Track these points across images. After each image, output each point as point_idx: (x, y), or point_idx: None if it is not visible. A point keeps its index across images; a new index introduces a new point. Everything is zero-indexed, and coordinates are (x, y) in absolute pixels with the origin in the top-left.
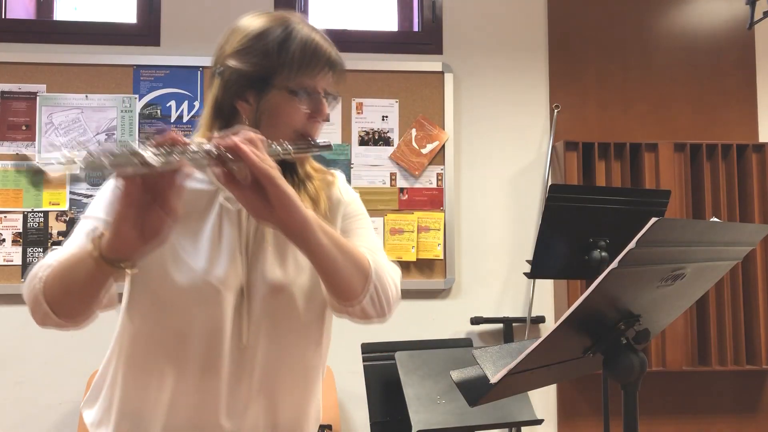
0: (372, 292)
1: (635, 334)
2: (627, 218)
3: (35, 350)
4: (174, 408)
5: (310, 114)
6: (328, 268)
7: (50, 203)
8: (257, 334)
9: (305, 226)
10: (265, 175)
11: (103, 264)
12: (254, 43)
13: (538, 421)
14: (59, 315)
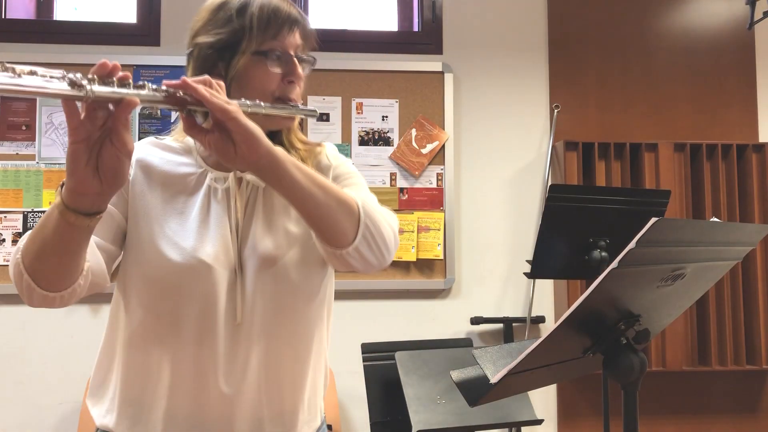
0: (365, 233)
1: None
2: (627, 218)
3: (35, 350)
4: (173, 390)
5: (283, 75)
6: (311, 208)
7: (50, 203)
8: (252, 310)
9: (273, 160)
10: (221, 110)
11: (67, 213)
12: (217, 14)
13: (538, 421)
14: (40, 284)
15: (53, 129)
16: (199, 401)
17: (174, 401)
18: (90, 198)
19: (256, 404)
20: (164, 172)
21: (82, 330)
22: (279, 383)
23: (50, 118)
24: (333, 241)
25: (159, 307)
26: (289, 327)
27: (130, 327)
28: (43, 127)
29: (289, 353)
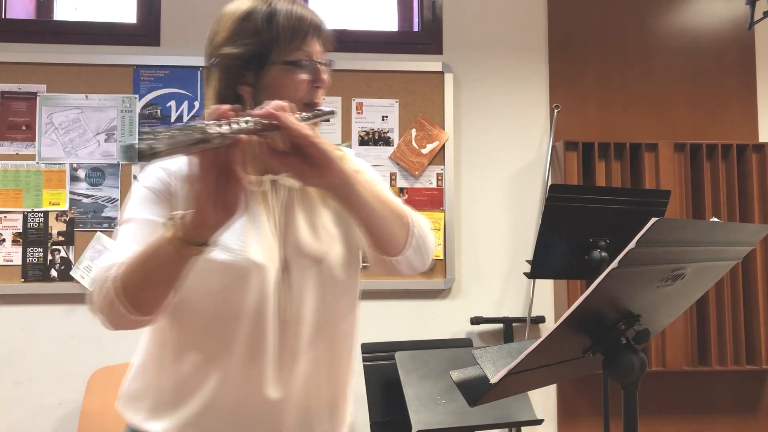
0: (415, 243)
1: (635, 334)
2: (627, 218)
3: (35, 350)
4: (221, 387)
5: (309, 82)
6: (372, 221)
7: (50, 203)
8: (299, 307)
9: (347, 180)
10: (304, 137)
11: (184, 246)
12: (243, 25)
13: (538, 421)
14: (138, 310)
15: (53, 129)
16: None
17: (220, 401)
18: (209, 230)
19: (305, 401)
20: None
21: (82, 330)
22: (327, 379)
23: (50, 118)
24: (386, 250)
25: (213, 309)
26: (333, 323)
27: (181, 331)
28: (43, 127)
29: (334, 349)
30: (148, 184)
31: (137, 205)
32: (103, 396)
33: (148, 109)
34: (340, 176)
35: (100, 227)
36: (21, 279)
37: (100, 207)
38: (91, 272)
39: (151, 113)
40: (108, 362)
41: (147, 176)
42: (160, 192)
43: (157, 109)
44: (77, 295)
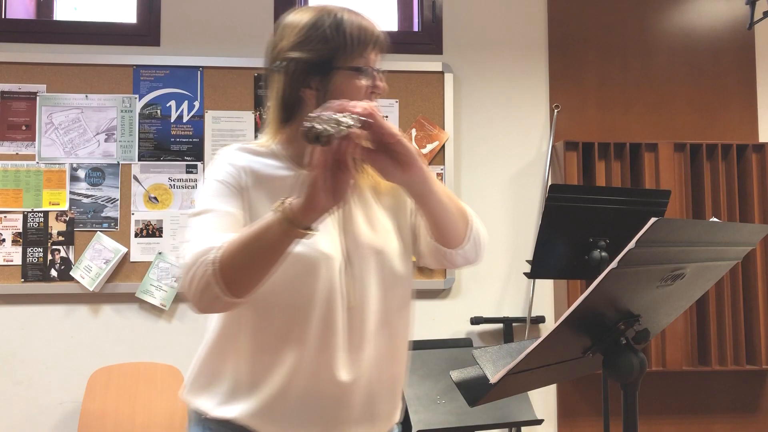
0: (473, 237)
1: (635, 334)
2: (627, 218)
3: (35, 350)
4: (296, 372)
5: (367, 88)
6: (441, 215)
7: (50, 203)
8: (362, 295)
9: (426, 177)
10: (393, 136)
11: (291, 229)
12: (311, 32)
13: (538, 421)
14: (232, 292)
15: (53, 129)
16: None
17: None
18: (317, 214)
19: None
20: (268, 176)
21: (82, 330)
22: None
23: (50, 118)
24: (448, 242)
25: (288, 297)
26: (393, 311)
27: (259, 318)
28: (43, 127)
29: (395, 336)
30: (220, 178)
31: (213, 198)
32: (103, 396)
33: (148, 109)
34: (421, 174)
35: (100, 227)
36: (21, 279)
37: (100, 207)
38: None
39: (151, 113)
40: (108, 362)
41: (217, 171)
42: (231, 185)
43: (157, 109)
44: (77, 295)
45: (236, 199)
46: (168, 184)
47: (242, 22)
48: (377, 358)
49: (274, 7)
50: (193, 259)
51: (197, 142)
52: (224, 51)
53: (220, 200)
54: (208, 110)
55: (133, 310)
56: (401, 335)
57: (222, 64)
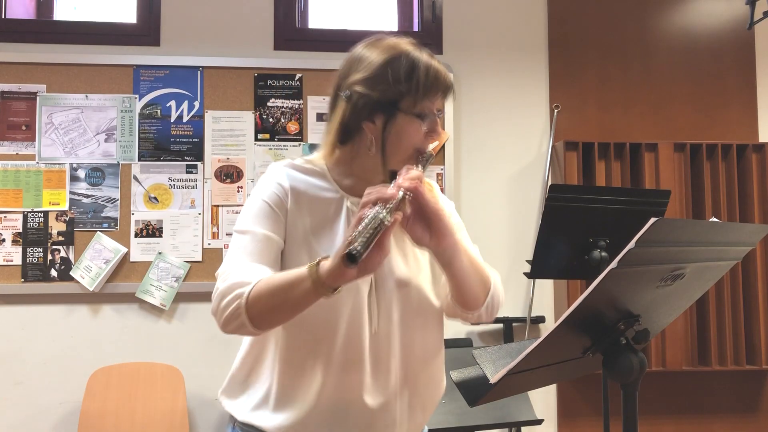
0: (489, 303)
1: (635, 334)
2: (627, 218)
3: (35, 350)
4: (323, 392)
5: (426, 132)
6: (463, 284)
7: (50, 203)
8: (387, 321)
9: (455, 251)
10: (436, 212)
11: (323, 289)
12: (382, 72)
13: (538, 421)
14: (258, 327)
15: (53, 129)
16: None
17: (321, 404)
18: (344, 282)
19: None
20: (311, 198)
21: (82, 330)
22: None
23: (50, 118)
24: (466, 306)
25: (315, 321)
26: (419, 338)
27: (289, 340)
28: (43, 127)
29: (425, 364)
30: (266, 198)
31: (254, 218)
32: (103, 396)
33: (148, 109)
34: (452, 245)
35: (99, 227)
36: (21, 279)
37: (100, 207)
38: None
39: (150, 113)
40: (108, 362)
41: (265, 189)
42: (275, 206)
43: (157, 109)
44: (77, 295)
45: (276, 222)
46: (168, 184)
47: (242, 22)
48: (403, 387)
49: (274, 7)
50: (228, 289)
51: (197, 142)
52: (224, 51)
53: (260, 222)
54: (208, 110)
55: (133, 310)
56: (434, 359)
57: (222, 64)
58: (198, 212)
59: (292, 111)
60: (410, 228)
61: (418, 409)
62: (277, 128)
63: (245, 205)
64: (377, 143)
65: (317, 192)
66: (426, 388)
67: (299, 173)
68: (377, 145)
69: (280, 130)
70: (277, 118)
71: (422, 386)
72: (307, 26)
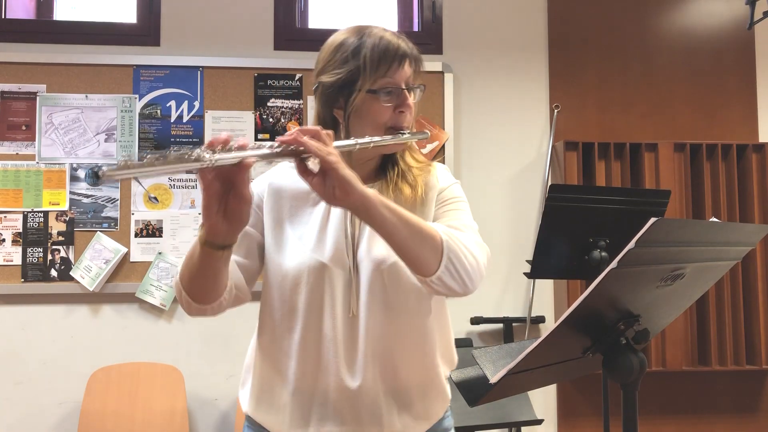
0: (448, 265)
1: (635, 334)
2: (627, 218)
3: (35, 350)
4: (300, 375)
5: (395, 107)
6: (397, 242)
7: (50, 203)
8: (366, 305)
9: (366, 202)
10: (323, 161)
11: (206, 247)
12: (334, 55)
13: (538, 421)
14: (195, 299)
15: (53, 129)
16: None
17: (300, 386)
18: (221, 236)
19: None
20: (293, 190)
21: (82, 330)
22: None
23: (50, 118)
24: (418, 270)
25: (289, 302)
26: (400, 319)
27: (269, 323)
28: (43, 127)
29: (403, 348)
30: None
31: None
32: (103, 396)
33: (148, 109)
34: (360, 200)
35: (99, 227)
36: (21, 279)
37: (100, 207)
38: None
39: (150, 113)
40: (108, 362)
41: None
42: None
43: (157, 109)
44: (77, 295)
45: (253, 219)
46: (168, 184)
47: (242, 22)
48: (382, 372)
49: (274, 7)
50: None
51: (197, 142)
52: (224, 51)
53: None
54: (208, 110)
55: (133, 310)
56: (423, 346)
57: (222, 64)
58: (198, 212)
59: (292, 111)
60: (314, 185)
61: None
62: (277, 128)
63: None
64: (344, 127)
65: (300, 185)
66: (413, 375)
67: (283, 172)
68: (345, 129)
69: (280, 130)
70: (277, 118)
71: (408, 373)
72: (307, 26)
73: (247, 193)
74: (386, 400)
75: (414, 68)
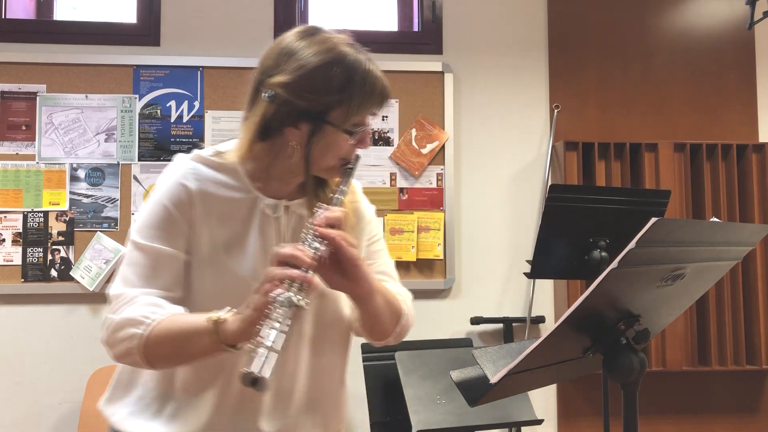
0: (397, 332)
1: (635, 334)
2: (627, 218)
3: (35, 350)
4: (218, 409)
5: (355, 144)
6: (375, 320)
7: (50, 203)
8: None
9: (371, 294)
10: (352, 260)
11: (220, 345)
12: (312, 79)
13: (538, 421)
14: (153, 366)
15: (53, 129)
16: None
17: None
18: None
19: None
20: (220, 200)
21: (82, 330)
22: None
23: (50, 118)
24: (374, 337)
25: None
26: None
27: None
28: (43, 127)
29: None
30: (167, 202)
31: (152, 228)
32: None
33: (148, 109)
34: (367, 291)
35: (100, 227)
36: (21, 279)
37: (100, 207)
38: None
39: (150, 113)
40: (108, 362)
41: (167, 190)
42: (178, 213)
43: (157, 109)
44: (77, 295)
45: (176, 232)
46: None
47: (242, 22)
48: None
49: (273, 7)
50: (121, 325)
51: (197, 142)
52: (224, 51)
53: (159, 233)
54: (208, 110)
55: None
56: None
57: (222, 64)
58: None
59: None
60: (325, 273)
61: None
62: None
63: (145, 205)
64: (301, 152)
65: (228, 192)
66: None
67: (208, 169)
68: (300, 153)
69: None
70: None
71: (328, 408)
72: None
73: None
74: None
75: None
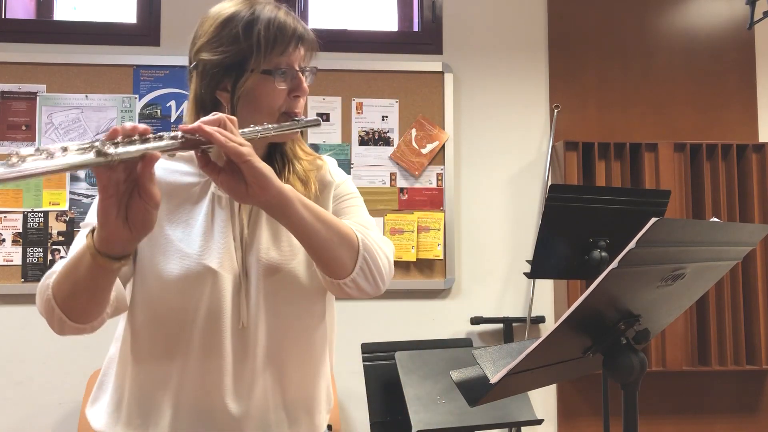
0: (363, 266)
1: (635, 334)
2: (627, 218)
3: (35, 350)
4: (181, 394)
5: (289, 91)
6: (315, 243)
7: (50, 203)
8: (257, 314)
9: (283, 200)
10: (235, 153)
11: (99, 257)
12: (221, 31)
13: (538, 421)
14: (72, 318)
15: (53, 129)
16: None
17: (180, 407)
18: (120, 244)
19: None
20: (169, 183)
21: None
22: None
23: (50, 118)
24: (332, 273)
25: (168, 315)
26: (293, 332)
27: (143, 334)
28: (43, 127)
29: (296, 359)
30: None
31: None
32: None
33: (148, 109)
34: (278, 196)
35: None
36: (21, 279)
37: None
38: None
39: (150, 113)
40: None
41: None
42: None
43: (157, 109)
44: None
45: None
46: None
47: None
48: (273, 386)
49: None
50: (42, 283)
51: None
52: None
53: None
54: None
55: None
56: (311, 358)
57: None
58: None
59: None
60: (223, 181)
61: (300, 413)
62: None
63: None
64: (231, 112)
65: (177, 177)
66: (304, 388)
67: (168, 159)
68: (230, 112)
69: None
70: None
71: (298, 387)
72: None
73: (155, 192)
74: (276, 416)
75: (307, 51)
